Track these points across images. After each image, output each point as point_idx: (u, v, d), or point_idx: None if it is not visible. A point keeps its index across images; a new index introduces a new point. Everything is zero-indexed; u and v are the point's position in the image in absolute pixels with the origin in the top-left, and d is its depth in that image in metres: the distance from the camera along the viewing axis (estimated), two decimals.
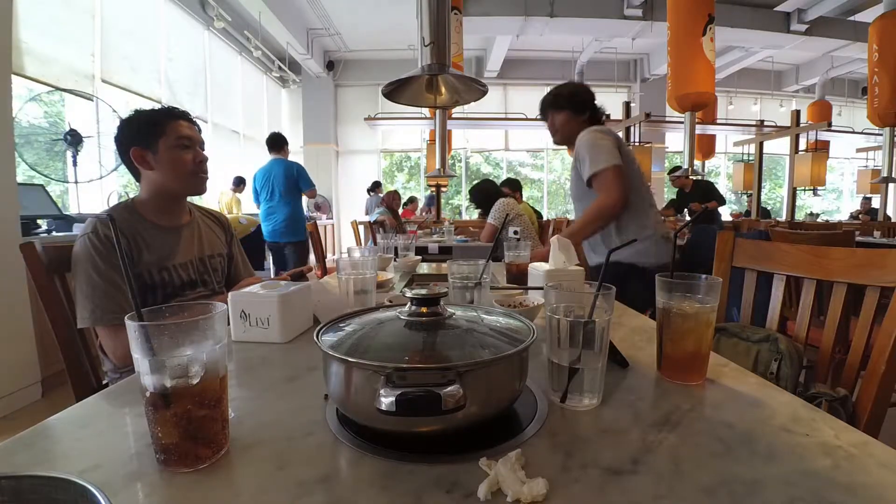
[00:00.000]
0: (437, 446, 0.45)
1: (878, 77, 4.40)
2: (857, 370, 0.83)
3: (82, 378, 0.98)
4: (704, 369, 0.62)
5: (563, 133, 1.79)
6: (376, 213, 5.30)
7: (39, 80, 3.11)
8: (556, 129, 1.81)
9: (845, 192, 11.16)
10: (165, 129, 1.12)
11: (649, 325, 0.93)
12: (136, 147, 1.11)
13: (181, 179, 1.14)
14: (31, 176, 2.99)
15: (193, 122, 1.20)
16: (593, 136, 1.64)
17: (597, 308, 0.53)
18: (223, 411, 0.44)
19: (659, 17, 5.65)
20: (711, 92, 4.06)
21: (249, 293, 0.82)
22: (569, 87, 1.84)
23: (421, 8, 1.02)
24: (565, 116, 1.76)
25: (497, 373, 0.46)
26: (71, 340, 0.97)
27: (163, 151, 1.11)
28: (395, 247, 1.76)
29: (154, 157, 1.11)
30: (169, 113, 1.16)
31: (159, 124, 1.12)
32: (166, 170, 1.12)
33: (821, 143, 7.58)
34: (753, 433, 0.47)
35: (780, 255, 1.02)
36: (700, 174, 6.27)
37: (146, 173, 1.14)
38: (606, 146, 1.61)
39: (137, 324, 0.39)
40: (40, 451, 0.45)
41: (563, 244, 1.06)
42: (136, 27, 4.32)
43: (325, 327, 0.54)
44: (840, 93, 9.02)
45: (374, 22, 6.86)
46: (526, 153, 9.78)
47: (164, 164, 1.12)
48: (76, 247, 1.02)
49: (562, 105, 1.77)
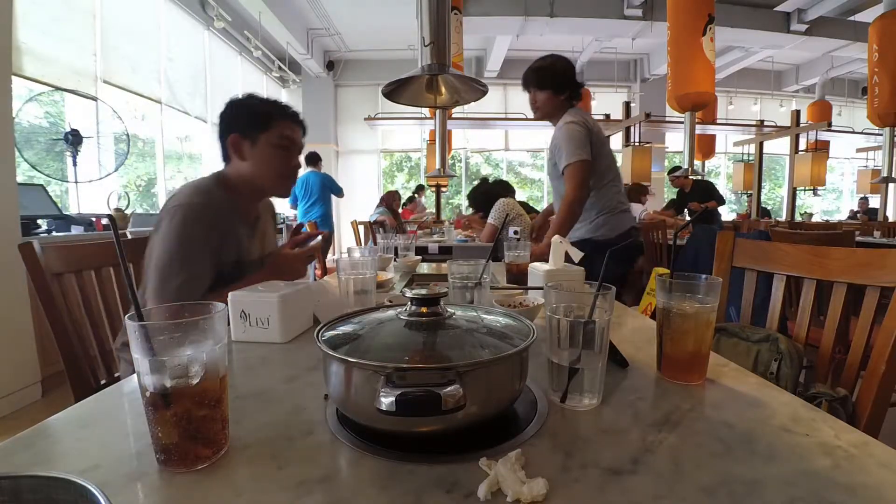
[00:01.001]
0: (437, 446, 0.45)
1: (878, 77, 4.40)
2: (857, 370, 0.83)
3: (81, 378, 0.98)
4: (704, 369, 0.62)
5: (543, 111, 1.90)
6: (376, 213, 5.32)
7: (39, 81, 3.11)
8: (537, 107, 1.91)
9: (845, 192, 11.15)
10: (270, 125, 1.08)
11: (649, 325, 0.93)
12: (237, 134, 1.07)
13: (271, 179, 1.10)
14: (31, 176, 2.99)
15: (301, 125, 1.16)
16: (570, 129, 1.77)
17: (597, 308, 0.53)
18: (223, 411, 0.44)
19: (659, 17, 5.64)
20: (711, 92, 4.06)
21: (249, 293, 0.82)
22: (550, 66, 1.87)
23: (421, 8, 1.02)
24: (547, 95, 1.85)
25: (497, 373, 0.46)
26: (69, 341, 0.97)
27: (262, 146, 1.07)
28: (395, 247, 1.76)
29: (251, 148, 1.07)
30: (281, 110, 1.11)
31: (266, 118, 1.08)
32: (258, 165, 1.08)
33: (821, 143, 7.56)
34: (753, 433, 0.47)
35: (780, 255, 1.02)
36: (700, 174, 6.27)
37: (236, 162, 1.09)
38: (580, 139, 1.75)
39: (137, 324, 0.39)
40: (40, 451, 0.45)
41: (566, 244, 1.06)
42: (136, 27, 4.32)
43: (325, 327, 0.54)
44: (840, 93, 9.01)
45: (374, 22, 6.85)
46: (526, 153, 9.77)
47: (257, 159, 1.08)
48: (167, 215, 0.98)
49: (545, 85, 1.85)
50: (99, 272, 1.10)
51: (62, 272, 1.02)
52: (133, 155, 3.82)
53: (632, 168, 6.08)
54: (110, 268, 1.12)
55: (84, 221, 2.68)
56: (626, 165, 6.23)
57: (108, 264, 1.12)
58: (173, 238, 0.97)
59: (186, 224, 0.98)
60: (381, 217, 4.99)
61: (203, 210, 1.00)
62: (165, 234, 0.97)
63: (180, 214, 0.98)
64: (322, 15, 6.59)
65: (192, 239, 0.98)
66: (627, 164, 6.20)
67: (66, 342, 0.96)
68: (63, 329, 0.96)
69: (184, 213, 0.98)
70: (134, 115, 4.28)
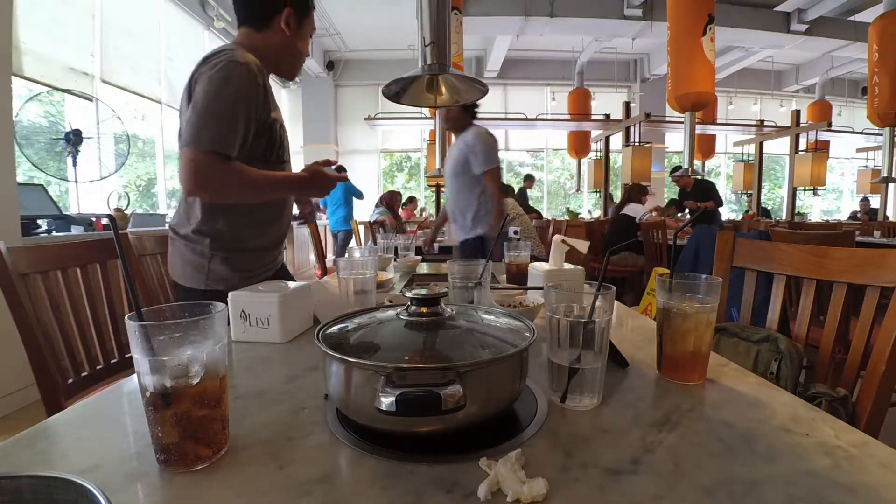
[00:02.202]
0: (437, 446, 0.44)
1: (878, 77, 4.40)
2: (857, 370, 0.83)
3: (49, 378, 0.94)
4: (704, 369, 0.62)
5: (455, 123, 2.30)
6: (376, 213, 5.36)
7: (39, 81, 3.11)
8: (450, 119, 2.30)
9: (845, 192, 11.15)
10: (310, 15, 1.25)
11: (649, 325, 0.93)
12: (292, 9, 1.18)
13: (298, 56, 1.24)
14: (31, 176, 2.98)
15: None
16: (489, 139, 2.21)
17: (597, 308, 0.53)
18: (223, 411, 0.44)
19: (659, 17, 5.64)
20: (711, 92, 4.06)
21: (249, 293, 0.82)
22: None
23: (421, 8, 1.02)
24: (459, 111, 2.26)
25: (497, 373, 0.46)
26: (35, 343, 0.94)
27: (304, 27, 1.22)
28: (395, 247, 1.76)
29: (296, 24, 1.20)
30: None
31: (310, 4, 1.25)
32: (294, 40, 1.21)
33: (821, 143, 7.56)
34: (753, 433, 0.47)
35: (780, 255, 1.02)
36: (700, 174, 6.28)
37: (271, 32, 1.18)
38: (496, 149, 2.24)
39: (137, 324, 0.39)
40: (40, 451, 0.45)
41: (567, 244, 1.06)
42: (136, 27, 4.32)
43: (325, 327, 0.54)
44: (840, 93, 9.01)
45: (374, 22, 6.86)
46: (526, 153, 9.77)
47: (296, 35, 1.21)
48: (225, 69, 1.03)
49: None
50: (66, 273, 1.05)
51: (27, 272, 0.97)
52: (133, 155, 3.82)
53: (632, 168, 6.09)
54: (77, 269, 1.08)
55: (84, 221, 2.67)
56: (626, 165, 6.23)
57: (77, 265, 1.08)
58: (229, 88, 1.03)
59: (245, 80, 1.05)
60: (381, 217, 5.00)
61: (250, 67, 1.07)
62: (219, 85, 1.02)
63: (239, 70, 1.04)
64: (322, 15, 6.58)
65: (243, 97, 1.05)
66: (627, 164, 6.20)
67: (32, 344, 0.93)
68: (29, 331, 0.93)
69: (242, 68, 1.05)
70: (134, 115, 4.28)
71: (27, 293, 0.95)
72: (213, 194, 1.06)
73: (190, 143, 0.99)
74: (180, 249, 1.17)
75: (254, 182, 1.07)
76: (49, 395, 0.92)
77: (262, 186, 1.11)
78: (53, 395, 0.93)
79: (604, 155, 7.18)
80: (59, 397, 0.93)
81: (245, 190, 1.08)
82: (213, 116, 1.00)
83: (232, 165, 1.02)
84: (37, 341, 0.94)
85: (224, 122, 1.01)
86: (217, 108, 1.01)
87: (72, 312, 1.05)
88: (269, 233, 1.25)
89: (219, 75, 1.02)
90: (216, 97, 1.01)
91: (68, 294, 1.05)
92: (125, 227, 2.95)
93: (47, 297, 1.01)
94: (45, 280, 1.01)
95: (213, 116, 1.00)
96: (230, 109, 1.02)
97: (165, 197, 4.74)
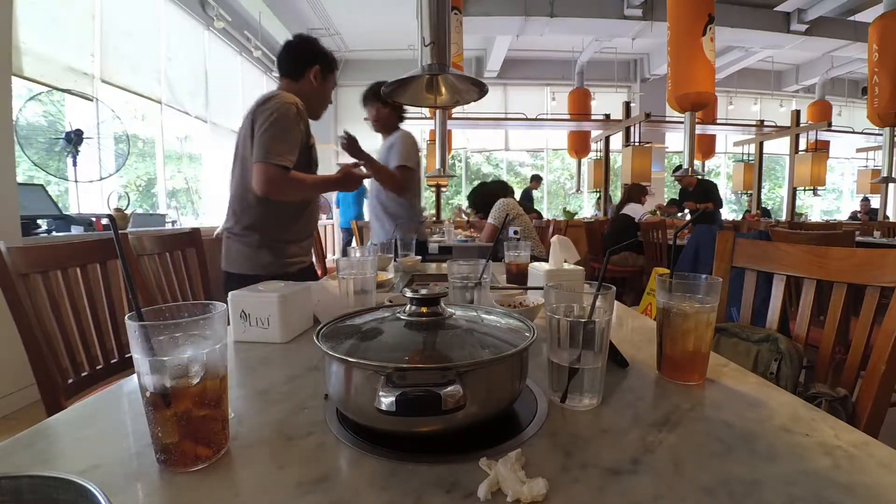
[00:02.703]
0: (437, 446, 0.45)
1: (878, 77, 4.40)
2: (857, 370, 0.83)
3: (49, 378, 0.94)
4: (704, 369, 0.62)
5: (384, 123, 2.32)
6: None
7: (39, 81, 3.11)
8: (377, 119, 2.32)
9: (845, 192, 11.14)
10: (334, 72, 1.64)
11: (649, 325, 0.93)
12: (320, 66, 1.57)
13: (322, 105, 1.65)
14: (31, 176, 2.98)
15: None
16: (413, 142, 2.31)
17: (597, 308, 0.53)
18: (223, 411, 0.44)
19: (659, 17, 5.64)
20: (711, 92, 4.06)
21: (249, 293, 0.82)
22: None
23: (421, 8, 1.02)
24: (389, 111, 2.30)
25: (497, 373, 0.46)
26: (35, 343, 0.94)
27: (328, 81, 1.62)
28: (395, 240, 1.76)
29: (322, 79, 1.59)
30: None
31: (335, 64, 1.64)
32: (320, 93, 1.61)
33: (821, 143, 7.56)
34: (753, 433, 0.47)
35: (780, 255, 1.02)
36: (700, 174, 6.27)
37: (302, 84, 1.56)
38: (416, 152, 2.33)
39: (137, 324, 0.39)
40: (40, 451, 0.45)
41: (564, 243, 1.06)
42: (136, 27, 4.31)
43: (325, 327, 0.54)
44: (840, 93, 9.01)
45: (374, 22, 6.85)
46: (526, 153, 9.77)
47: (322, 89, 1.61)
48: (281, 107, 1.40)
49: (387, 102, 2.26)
50: (66, 273, 1.06)
51: (27, 273, 0.97)
52: (133, 155, 3.82)
53: (632, 168, 6.08)
54: (77, 269, 1.08)
55: (84, 221, 2.67)
56: (626, 165, 6.23)
57: (77, 265, 1.08)
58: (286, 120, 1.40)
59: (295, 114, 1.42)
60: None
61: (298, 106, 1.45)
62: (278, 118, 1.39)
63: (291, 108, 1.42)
64: (322, 15, 6.59)
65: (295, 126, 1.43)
66: (627, 164, 6.20)
67: (32, 342, 0.93)
68: (28, 330, 0.93)
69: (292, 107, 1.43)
70: (134, 116, 4.28)
71: (27, 293, 0.95)
72: (281, 194, 1.43)
73: (263, 158, 1.36)
74: (235, 244, 1.51)
75: (307, 183, 1.48)
76: (49, 395, 0.92)
77: (311, 186, 1.53)
78: (53, 395, 0.93)
79: (604, 155, 7.17)
80: (59, 397, 0.93)
81: (302, 189, 1.47)
82: (277, 139, 1.37)
83: (292, 173, 1.41)
84: (37, 341, 0.94)
85: (285, 143, 1.39)
86: (280, 133, 1.38)
87: (72, 312, 1.05)
88: (299, 228, 1.60)
89: (279, 111, 1.39)
90: (278, 126, 1.38)
91: (68, 294, 1.05)
92: (125, 227, 2.95)
93: (47, 297, 1.01)
94: (45, 280, 1.01)
95: (277, 139, 1.37)
96: (289, 134, 1.40)
97: (165, 197, 4.73)
